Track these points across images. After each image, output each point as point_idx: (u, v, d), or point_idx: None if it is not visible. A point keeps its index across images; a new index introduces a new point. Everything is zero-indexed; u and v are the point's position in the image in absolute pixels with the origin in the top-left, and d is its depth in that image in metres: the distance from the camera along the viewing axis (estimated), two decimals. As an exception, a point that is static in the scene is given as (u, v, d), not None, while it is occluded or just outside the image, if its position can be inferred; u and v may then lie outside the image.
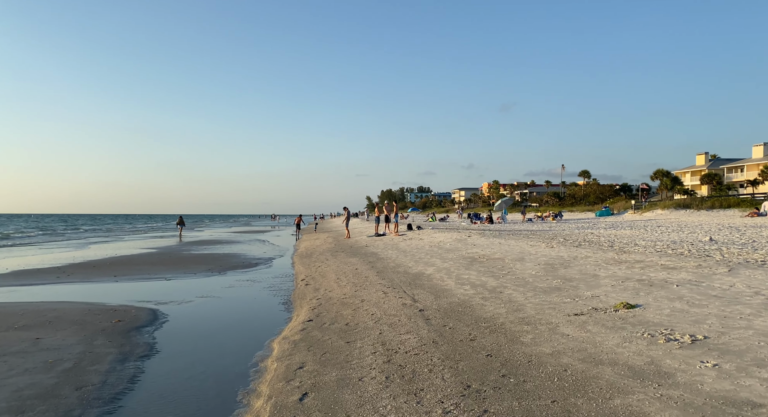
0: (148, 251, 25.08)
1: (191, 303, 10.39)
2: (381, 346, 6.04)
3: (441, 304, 8.16)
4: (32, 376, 5.44)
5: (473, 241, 18.39)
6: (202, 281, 13.91)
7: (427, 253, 16.23)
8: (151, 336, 7.47)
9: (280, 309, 9.82)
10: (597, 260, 10.96)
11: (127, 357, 6.31)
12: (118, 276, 14.64)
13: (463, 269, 11.82)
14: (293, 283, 13.32)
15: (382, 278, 11.84)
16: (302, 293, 11.35)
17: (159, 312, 9.30)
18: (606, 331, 5.61)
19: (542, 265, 11.02)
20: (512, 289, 8.69)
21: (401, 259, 15.46)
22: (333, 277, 13.22)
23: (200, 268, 16.98)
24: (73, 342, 6.88)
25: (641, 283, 8.03)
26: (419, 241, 21.17)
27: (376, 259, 16.29)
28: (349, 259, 17.15)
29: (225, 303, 10.50)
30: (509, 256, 13.19)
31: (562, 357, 4.93)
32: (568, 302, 7.26)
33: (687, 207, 46.32)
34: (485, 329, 6.34)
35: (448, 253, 15.68)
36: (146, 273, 15.47)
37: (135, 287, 12.80)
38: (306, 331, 7.39)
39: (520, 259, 12.35)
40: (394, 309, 8.15)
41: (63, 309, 9.28)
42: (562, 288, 8.35)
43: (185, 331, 7.89)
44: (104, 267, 17.07)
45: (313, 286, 12.23)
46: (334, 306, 9.13)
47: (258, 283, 13.54)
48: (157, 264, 18.02)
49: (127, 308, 9.53)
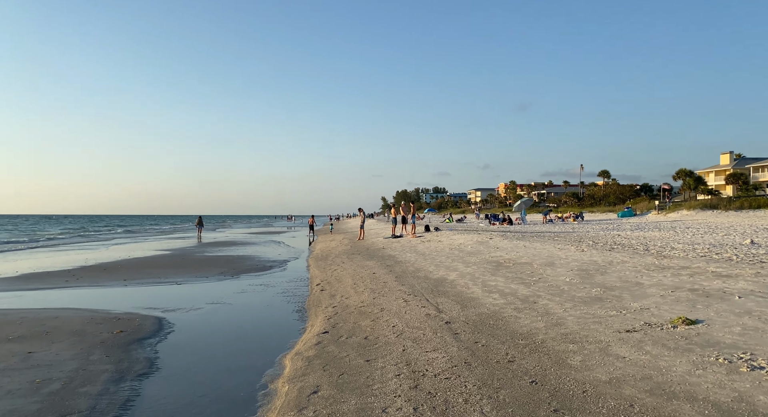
0: (162, 253, 24.70)
1: (200, 310, 9.79)
2: (406, 367, 5.32)
3: (469, 316, 7.41)
4: (12, 401, 4.83)
5: (496, 244, 17.57)
6: (214, 286, 13.34)
7: (447, 257, 15.47)
8: (153, 350, 6.85)
9: (294, 318, 9.16)
10: (636, 266, 10.10)
11: (124, 376, 5.68)
12: (128, 280, 14.15)
13: (489, 275, 11.04)
14: (308, 288, 12.67)
15: (402, 284, 11.12)
16: (317, 300, 10.69)
17: (165, 321, 8.70)
18: (670, 353, 4.81)
19: (575, 271, 10.19)
20: (547, 299, 7.90)
21: (421, 263, 14.72)
22: (349, 281, 12.54)
23: (213, 271, 16.44)
24: (67, 357, 6.28)
25: (695, 293, 7.18)
26: (438, 244, 20.40)
27: (394, 263, 15.58)
28: (366, 263, 16.47)
29: (235, 310, 9.88)
30: (537, 260, 12.37)
31: (624, 387, 4.16)
32: (615, 315, 6.46)
33: (714, 207, 44.71)
34: (524, 348, 5.58)
35: (470, 256, 14.89)
36: (157, 276, 14.96)
37: (144, 292, 12.26)
38: (321, 345, 6.71)
39: (549, 264, 11.53)
40: (417, 320, 7.43)
41: (64, 317, 8.73)
42: (603, 298, 7.54)
43: (190, 344, 7.26)
44: (115, 270, 16.62)
45: (328, 291, 11.57)
46: (352, 315, 8.44)
47: (271, 287, 12.92)
48: (170, 267, 17.54)
49: (132, 316, 8.95)
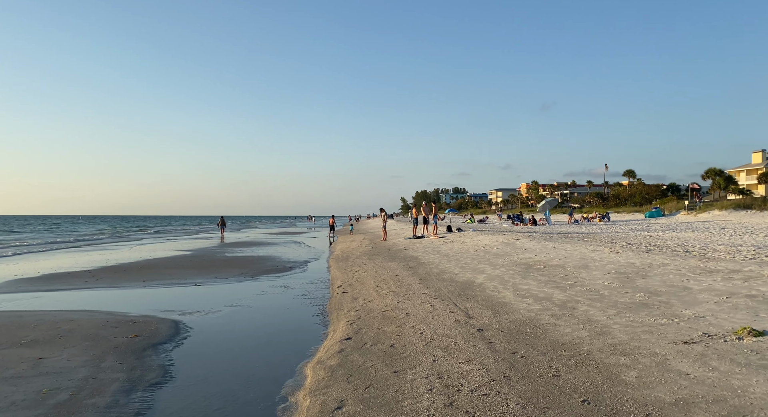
0: (183, 254, 24.63)
1: (218, 313, 9.45)
2: (438, 381, 4.84)
3: (503, 323, 6.89)
4: (15, 413, 4.49)
5: (523, 245, 16.94)
6: (234, 287, 13.03)
7: (473, 258, 14.92)
8: (167, 356, 6.50)
9: (315, 322, 8.75)
10: (679, 269, 9.43)
11: (135, 385, 5.33)
12: (147, 281, 13.95)
13: (519, 278, 10.48)
14: (329, 291, 12.27)
15: (427, 287, 10.64)
16: (339, 303, 10.27)
17: (182, 325, 8.37)
18: (741, 370, 4.24)
19: (613, 274, 9.57)
20: (587, 305, 7.33)
21: (445, 265, 14.21)
22: (372, 284, 12.10)
23: (233, 272, 16.18)
24: (78, 364, 5.96)
25: (753, 299, 6.54)
26: (462, 245, 19.84)
27: (417, 264, 15.10)
28: (388, 264, 16.02)
29: (255, 314, 9.52)
30: (570, 262, 11.75)
31: (695, 411, 3.61)
32: (666, 324, 5.88)
33: (747, 207, 43.02)
34: (568, 360, 5.05)
35: (497, 258, 14.32)
36: (177, 278, 14.74)
37: (162, 294, 12.01)
38: (344, 353, 6.27)
39: (583, 267, 10.91)
40: (447, 327, 6.94)
41: (80, 320, 8.47)
42: (650, 304, 6.94)
43: (207, 350, 6.90)
44: (135, 271, 16.48)
45: (350, 294, 11.14)
46: (376, 320, 7.99)
47: (291, 289, 12.56)
48: (190, 268, 17.35)
49: (149, 320, 8.65)
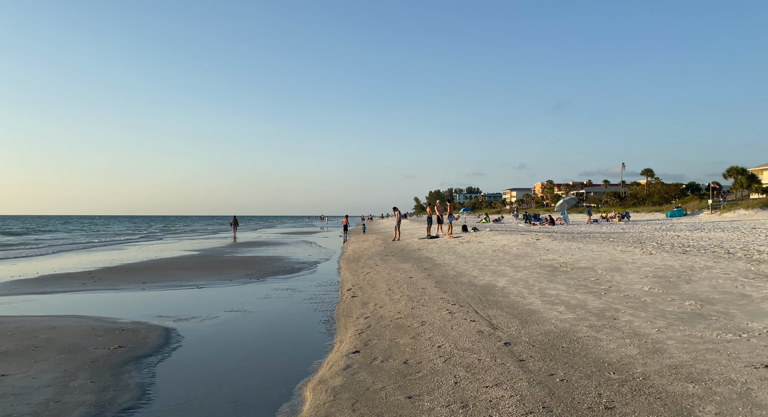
0: (190, 254, 24.03)
1: (216, 319, 8.68)
2: (462, 410, 3.98)
3: (533, 335, 5.99)
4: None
5: (544, 245, 15.96)
6: (237, 290, 12.27)
7: (492, 260, 13.99)
8: (150, 372, 5.71)
9: (320, 330, 7.92)
10: (727, 272, 8.43)
11: (103, 411, 4.53)
12: (147, 283, 13.25)
13: (546, 282, 9.54)
14: (338, 294, 11.44)
15: (443, 291, 9.75)
16: (348, 308, 9.44)
17: (174, 333, 7.60)
18: None
19: (652, 278, 8.60)
20: (629, 314, 6.39)
21: (462, 266, 13.30)
22: (384, 287, 11.24)
23: (239, 273, 15.44)
24: (44, 382, 5.19)
25: (832, 310, 5.56)
26: (478, 245, 18.90)
27: (432, 266, 14.21)
28: (401, 265, 15.15)
29: (255, 320, 8.72)
30: (599, 264, 10.77)
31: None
32: (734, 341, 4.93)
33: (776, 206, 41.37)
34: (621, 386, 4.14)
35: (517, 259, 13.37)
36: (179, 279, 14.04)
37: (161, 297, 11.29)
38: (351, 370, 5.43)
39: (616, 269, 9.94)
40: (468, 339, 6.06)
41: (63, 327, 7.74)
42: (705, 315, 5.99)
43: (196, 364, 6.10)
44: (137, 272, 15.83)
45: (360, 298, 10.30)
46: (387, 329, 7.13)
47: (298, 292, 11.76)
48: (194, 269, 16.66)
49: (138, 327, 7.89)
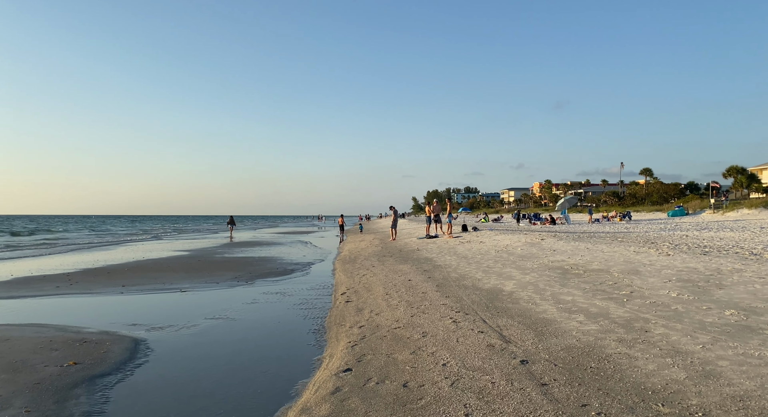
0: (180, 254, 23.12)
1: (194, 329, 7.81)
2: (477, 457, 3.12)
3: (553, 350, 5.14)
4: None
5: (550, 246, 15.13)
6: (223, 294, 11.40)
7: (496, 261, 13.15)
8: (103, 396, 4.84)
9: (309, 341, 7.06)
10: (762, 275, 7.60)
11: (31, 452, 3.67)
12: (127, 286, 12.36)
13: (558, 286, 8.70)
14: (331, 299, 10.58)
15: (446, 296, 8.91)
16: (341, 315, 8.58)
17: (143, 345, 6.72)
18: None
19: (676, 282, 7.76)
20: (663, 326, 5.55)
21: (464, 268, 12.45)
22: (381, 290, 10.39)
23: (227, 275, 14.56)
24: (-31, 411, 4.33)
25: None
26: (480, 245, 18.06)
27: (432, 267, 13.36)
28: (399, 266, 14.30)
29: (237, 330, 7.85)
30: (614, 266, 9.94)
31: None
32: (802, 362, 4.09)
33: (780, 206, 40.66)
34: (677, 424, 3.29)
35: (523, 260, 12.54)
36: (162, 282, 13.15)
37: (138, 302, 10.41)
38: (340, 395, 4.57)
39: (633, 272, 9.11)
40: (477, 355, 5.21)
41: (17, 339, 6.86)
42: (754, 327, 5.15)
43: (160, 386, 5.23)
44: (119, 273, 14.93)
45: (355, 303, 9.45)
46: (384, 342, 6.28)
47: (288, 296, 10.89)
48: (180, 270, 15.76)
49: (104, 338, 7.01)
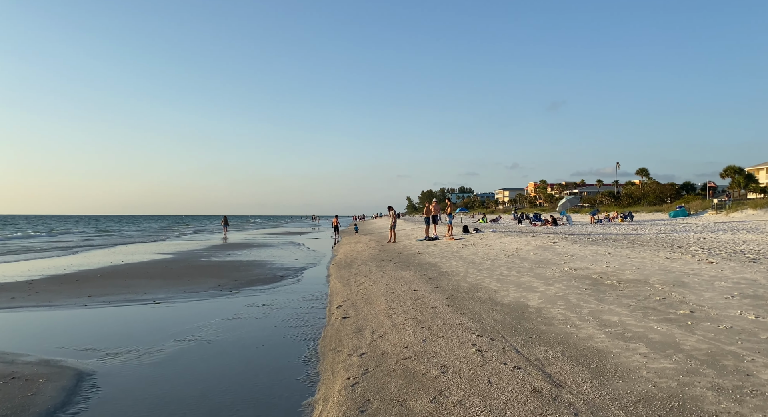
0: (164, 257, 21.65)
1: (158, 355, 6.41)
2: None
3: (624, 401, 3.79)
4: None
5: (565, 250, 13.83)
6: (202, 307, 9.99)
7: (509, 267, 11.81)
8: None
9: (297, 374, 5.69)
10: None
11: None
12: (93, 296, 10.92)
13: (593, 300, 7.37)
14: (325, 313, 9.20)
15: (460, 312, 7.55)
16: (337, 336, 7.20)
17: (87, 382, 5.32)
18: None
19: (741, 298, 6.44)
20: (765, 365, 4.22)
21: (475, 276, 11.11)
22: (382, 303, 9.03)
23: (209, 283, 13.14)
24: None
25: None
26: (486, 248, 16.74)
27: (437, 274, 12.02)
28: (401, 273, 12.95)
29: (211, 357, 6.46)
30: (651, 276, 8.63)
31: None
32: None
33: (786, 206, 39.70)
34: None
35: (541, 267, 11.21)
36: (135, 291, 11.71)
37: (100, 318, 8.98)
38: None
39: (679, 284, 7.79)
40: (522, 407, 3.86)
41: (-73, 374, 5.44)
42: None
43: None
44: (89, 281, 13.47)
45: (353, 320, 8.08)
46: (393, 379, 4.92)
47: (276, 310, 9.51)
48: (158, 277, 14.31)
49: (39, 372, 5.60)
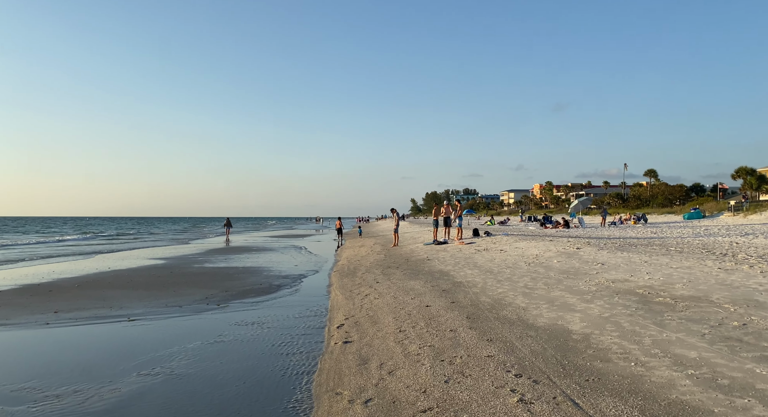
0: (154, 263, 20.33)
1: (110, 398, 5.06)
2: None
3: None
4: None
5: (592, 257, 12.41)
6: (181, 325, 8.64)
7: (533, 278, 10.41)
8: None
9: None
10: None
11: None
12: (61, 312, 9.58)
13: (653, 326, 5.96)
14: (323, 335, 7.82)
15: (487, 338, 6.17)
16: (336, 371, 5.82)
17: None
18: None
19: None
20: None
21: (495, 288, 9.71)
22: (390, 323, 7.65)
23: (196, 295, 11.79)
24: None
25: None
26: (502, 254, 15.33)
27: (451, 286, 10.62)
28: (410, 283, 11.57)
29: (175, 401, 5.09)
30: (712, 293, 7.21)
31: None
32: None
33: (807, 208, 38.09)
34: None
35: (571, 279, 9.80)
36: (111, 305, 10.36)
37: (58, 341, 7.64)
38: None
39: (754, 304, 6.38)
40: None
41: None
42: None
43: None
44: (63, 292, 12.13)
45: (356, 347, 6.70)
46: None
47: (267, 330, 8.15)
48: (141, 287, 12.95)
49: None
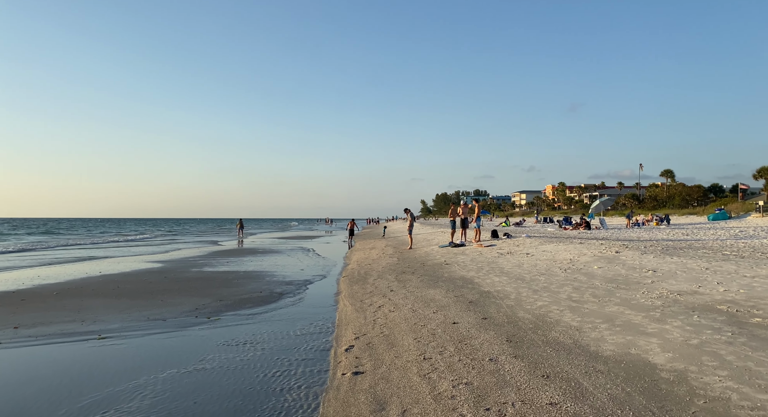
0: (149, 266, 19.02)
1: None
2: None
3: None
4: None
5: (636, 262, 10.82)
6: (160, 344, 7.22)
7: (574, 287, 8.86)
8: None
9: None
10: None
11: None
12: (23, 327, 8.21)
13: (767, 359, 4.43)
14: (328, 360, 6.35)
15: (538, 370, 4.67)
16: (343, 418, 4.35)
17: None
18: None
19: None
20: None
21: (532, 299, 8.18)
22: (411, 346, 6.17)
23: (187, 304, 10.39)
24: None
25: None
26: (529, 258, 13.78)
27: (479, 296, 9.11)
28: (429, 292, 10.08)
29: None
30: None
31: None
32: None
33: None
34: None
35: (623, 289, 8.24)
36: (83, 318, 8.97)
37: (3, 367, 6.25)
38: None
39: None
40: None
41: None
42: None
43: None
44: (36, 301, 10.78)
45: (369, 381, 5.23)
46: None
47: (260, 352, 6.70)
48: (126, 295, 11.55)
49: None
